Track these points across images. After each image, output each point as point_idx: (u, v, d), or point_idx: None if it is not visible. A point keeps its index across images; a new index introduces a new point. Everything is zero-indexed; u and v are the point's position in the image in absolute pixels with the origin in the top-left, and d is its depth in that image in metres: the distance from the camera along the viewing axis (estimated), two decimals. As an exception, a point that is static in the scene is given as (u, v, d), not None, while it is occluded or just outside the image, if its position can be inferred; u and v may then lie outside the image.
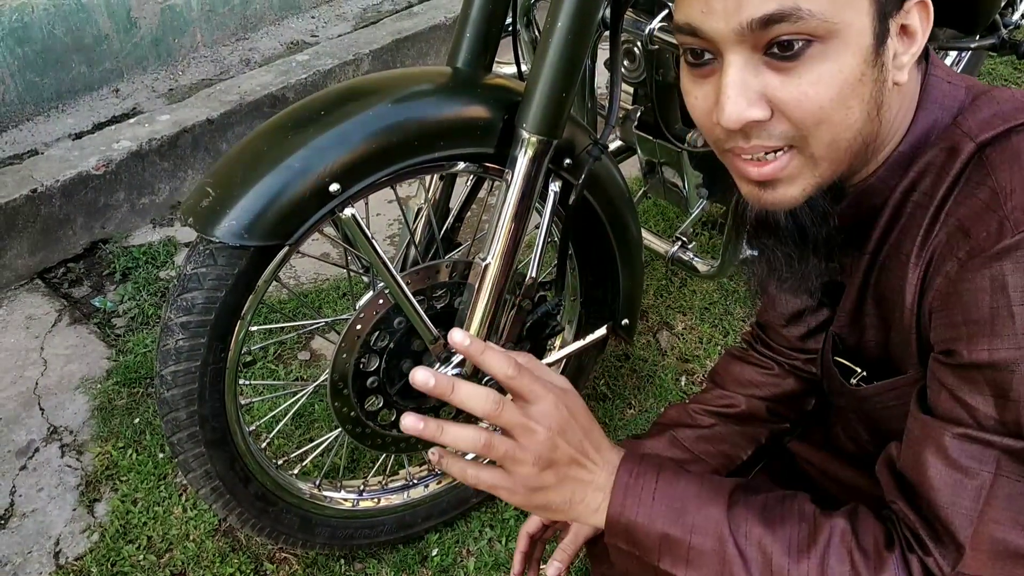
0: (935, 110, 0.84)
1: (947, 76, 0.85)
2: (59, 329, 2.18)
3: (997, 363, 0.74)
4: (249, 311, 1.32)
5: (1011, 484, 0.76)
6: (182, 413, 1.32)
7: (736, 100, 0.75)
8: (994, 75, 3.11)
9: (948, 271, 0.79)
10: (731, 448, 1.20)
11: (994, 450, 0.76)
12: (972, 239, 0.76)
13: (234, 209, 1.22)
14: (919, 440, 0.81)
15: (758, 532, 0.85)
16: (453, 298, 1.44)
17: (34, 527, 1.72)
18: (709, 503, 0.87)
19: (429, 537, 1.68)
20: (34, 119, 2.81)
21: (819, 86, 0.74)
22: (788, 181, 0.80)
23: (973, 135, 0.81)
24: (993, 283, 0.74)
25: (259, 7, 3.28)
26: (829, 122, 0.76)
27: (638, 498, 0.87)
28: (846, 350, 1.01)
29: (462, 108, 1.33)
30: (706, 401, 1.24)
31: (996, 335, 0.74)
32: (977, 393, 0.76)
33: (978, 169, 0.79)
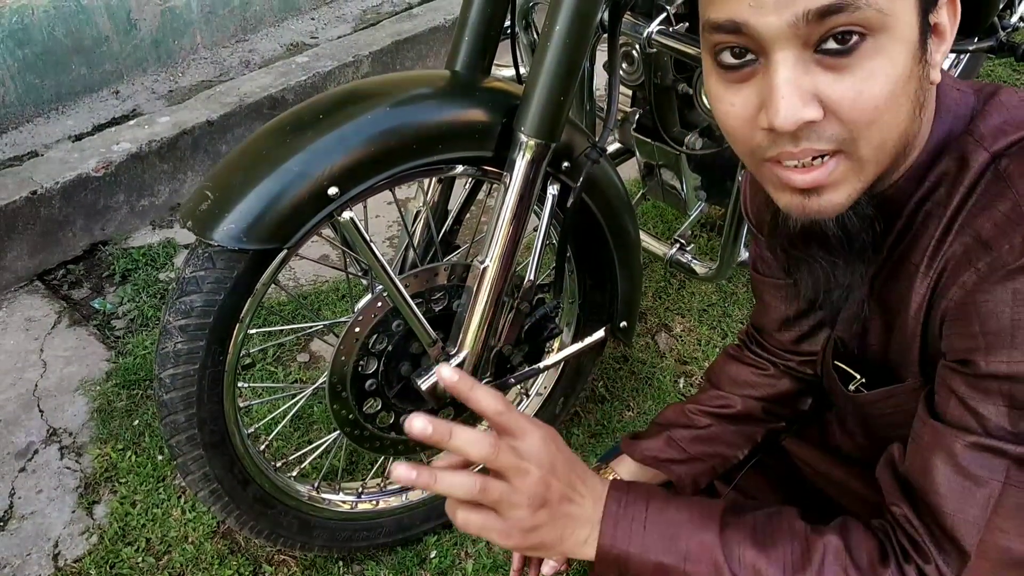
0: (949, 119, 0.83)
1: (954, 84, 0.84)
2: (59, 331, 2.18)
3: (1015, 375, 0.74)
4: (248, 314, 1.32)
5: (1020, 494, 0.76)
6: (181, 416, 1.32)
7: (791, 100, 0.70)
8: (993, 77, 3.11)
9: (965, 282, 0.78)
10: (727, 448, 1.21)
11: (1005, 459, 0.76)
12: (994, 251, 0.76)
13: (232, 212, 1.22)
14: (928, 446, 0.81)
15: (751, 555, 0.84)
16: (451, 301, 1.45)
17: (33, 529, 1.72)
18: (701, 529, 0.86)
19: (428, 539, 1.68)
20: (34, 121, 2.82)
21: (873, 83, 0.71)
22: (834, 187, 0.76)
23: (986, 144, 0.80)
24: (1016, 296, 0.74)
25: (259, 9, 3.28)
26: (880, 121, 0.73)
27: (629, 528, 0.86)
28: (847, 355, 1.01)
29: (460, 112, 1.34)
30: (702, 401, 1.24)
31: (1016, 347, 0.74)
32: (990, 403, 0.76)
33: (996, 181, 0.78)
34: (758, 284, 1.18)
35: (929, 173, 0.84)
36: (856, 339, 0.99)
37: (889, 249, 0.89)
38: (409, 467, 0.76)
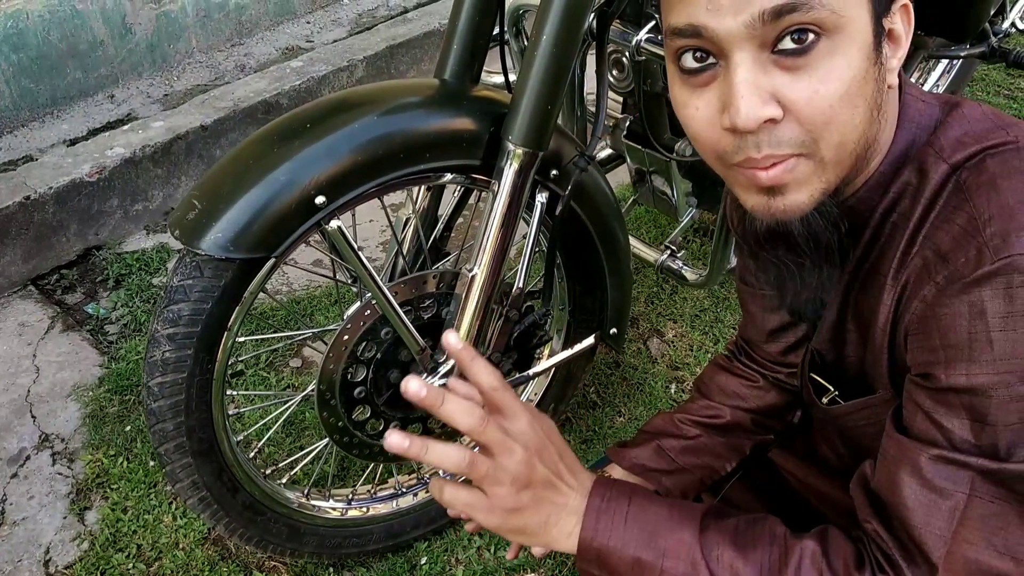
0: (912, 129, 0.84)
1: (920, 95, 0.85)
2: (52, 336, 2.18)
3: (975, 388, 0.75)
4: (236, 322, 1.32)
5: (984, 505, 0.76)
6: (169, 424, 1.32)
7: (750, 99, 0.72)
8: (987, 80, 3.12)
9: (925, 295, 0.79)
10: (715, 460, 1.21)
11: (969, 471, 0.76)
12: (951, 264, 0.76)
13: (220, 222, 1.22)
14: (894, 460, 0.82)
15: (729, 555, 0.85)
16: (440, 308, 1.45)
17: (25, 535, 1.72)
18: (681, 527, 0.87)
19: (418, 546, 1.69)
20: (29, 125, 2.82)
21: (829, 82, 0.72)
22: (796, 186, 0.78)
23: (946, 156, 0.81)
24: (972, 309, 0.74)
25: (254, 13, 3.28)
26: (838, 121, 0.74)
27: (611, 522, 0.87)
28: (825, 366, 1.01)
29: (448, 120, 1.34)
30: (691, 411, 1.24)
31: (974, 360, 0.75)
32: (954, 416, 0.77)
33: (955, 194, 0.79)
34: (744, 295, 1.18)
35: (892, 183, 0.84)
36: (834, 351, 0.99)
37: (859, 260, 0.90)
38: (402, 436, 0.78)
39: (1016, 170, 0.77)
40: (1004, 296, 0.72)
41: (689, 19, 0.73)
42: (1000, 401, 0.74)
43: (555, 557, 1.65)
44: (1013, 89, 3.04)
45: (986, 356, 0.74)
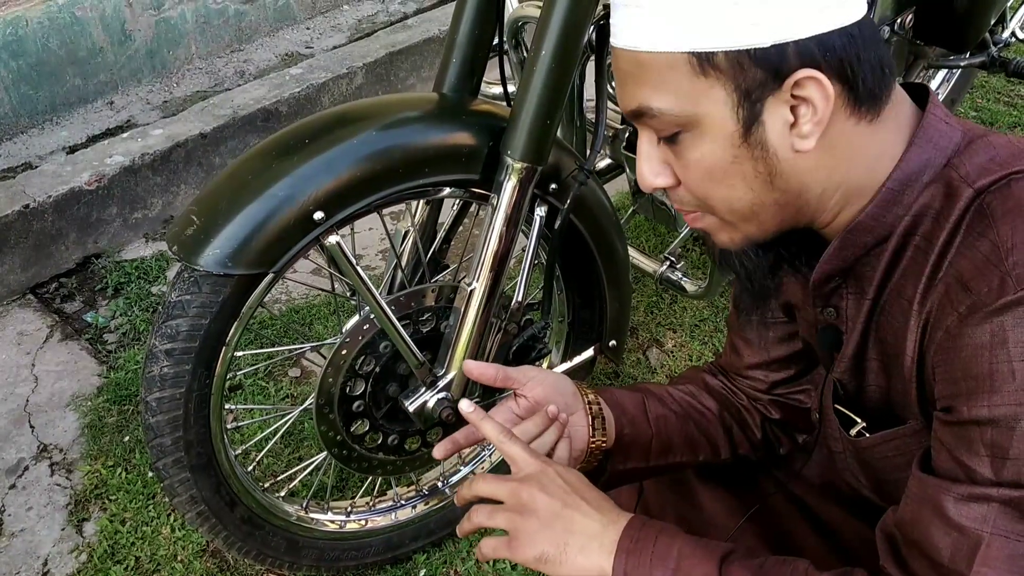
0: (928, 148, 0.83)
1: (945, 117, 0.84)
2: (51, 345, 2.18)
3: (996, 419, 0.74)
4: (234, 337, 1.32)
5: (1010, 544, 0.74)
6: (167, 439, 1.32)
7: (644, 168, 0.85)
8: (987, 87, 3.12)
9: (949, 325, 0.78)
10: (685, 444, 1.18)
11: (991, 504, 0.75)
12: (973, 293, 0.76)
13: (218, 238, 1.22)
14: (918, 499, 0.81)
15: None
16: (439, 322, 1.45)
17: (23, 547, 1.72)
18: (703, 562, 0.87)
19: (417, 558, 1.68)
20: (28, 132, 2.82)
21: (694, 167, 0.83)
22: (715, 234, 0.89)
23: (971, 181, 0.80)
24: (993, 338, 0.74)
25: (254, 19, 3.28)
26: (715, 195, 0.84)
27: (637, 562, 0.87)
28: (847, 397, 1.01)
29: (447, 135, 1.34)
30: (681, 390, 1.22)
31: (995, 391, 0.74)
32: (975, 453, 0.76)
33: (980, 219, 0.78)
34: (738, 323, 1.18)
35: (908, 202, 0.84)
36: (855, 380, 0.98)
37: (880, 284, 0.88)
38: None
39: None
40: None
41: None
42: (1022, 433, 0.73)
43: (554, 570, 1.65)
44: (1013, 96, 3.04)
45: (1008, 387, 0.73)
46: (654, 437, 1.14)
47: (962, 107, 2.96)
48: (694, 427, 1.18)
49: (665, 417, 1.16)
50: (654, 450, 1.15)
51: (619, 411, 1.12)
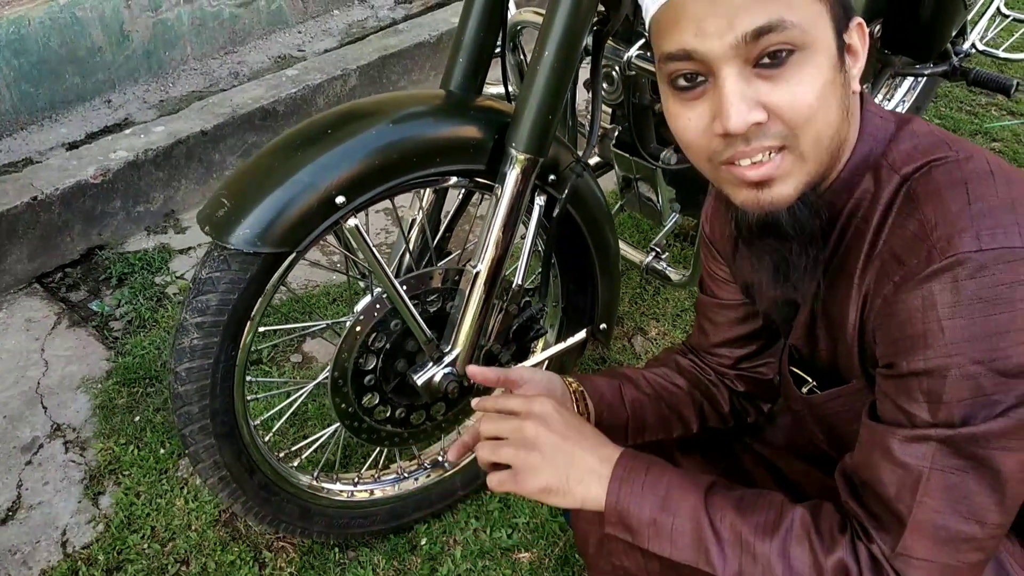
0: (869, 141, 0.97)
1: (877, 111, 0.98)
2: (59, 331, 2.27)
3: (931, 370, 0.86)
4: (258, 313, 1.42)
5: (946, 476, 0.87)
6: (195, 407, 1.42)
7: (739, 106, 0.84)
8: (951, 96, 3.28)
9: (886, 293, 0.91)
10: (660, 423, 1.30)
11: (929, 443, 0.87)
12: (905, 266, 0.88)
13: (248, 218, 1.32)
14: (868, 444, 0.94)
15: (731, 515, 0.97)
16: (445, 303, 1.56)
17: (41, 519, 1.80)
18: (690, 492, 0.99)
19: (419, 527, 1.79)
20: (28, 128, 2.89)
21: (805, 86, 0.85)
22: (782, 179, 0.90)
23: (897, 168, 0.94)
24: (924, 302, 0.86)
25: (248, 22, 3.38)
26: (815, 119, 0.86)
27: (630, 489, 1.00)
28: (801, 361, 1.13)
29: (456, 128, 1.45)
30: (654, 372, 1.33)
31: (929, 346, 0.86)
32: (914, 400, 0.88)
33: (907, 203, 0.92)
34: (705, 305, 1.30)
35: (854, 188, 0.97)
36: (808, 346, 1.11)
37: (827, 261, 1.01)
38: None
39: (958, 180, 0.89)
40: (951, 288, 0.84)
41: (680, 45, 0.86)
42: (953, 380, 0.85)
43: (547, 538, 1.76)
44: (974, 105, 3.21)
45: (939, 342, 0.85)
46: (630, 419, 1.27)
47: (927, 115, 3.12)
48: (666, 407, 1.30)
49: (640, 400, 1.28)
50: (631, 430, 1.28)
51: (598, 397, 1.25)
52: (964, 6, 2.07)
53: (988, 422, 0.84)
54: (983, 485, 0.86)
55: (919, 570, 0.88)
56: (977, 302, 0.84)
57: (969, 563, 0.88)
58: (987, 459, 0.85)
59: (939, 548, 0.88)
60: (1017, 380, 0.84)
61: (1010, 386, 0.84)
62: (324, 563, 1.72)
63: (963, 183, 0.89)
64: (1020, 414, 0.84)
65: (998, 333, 0.83)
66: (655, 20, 0.91)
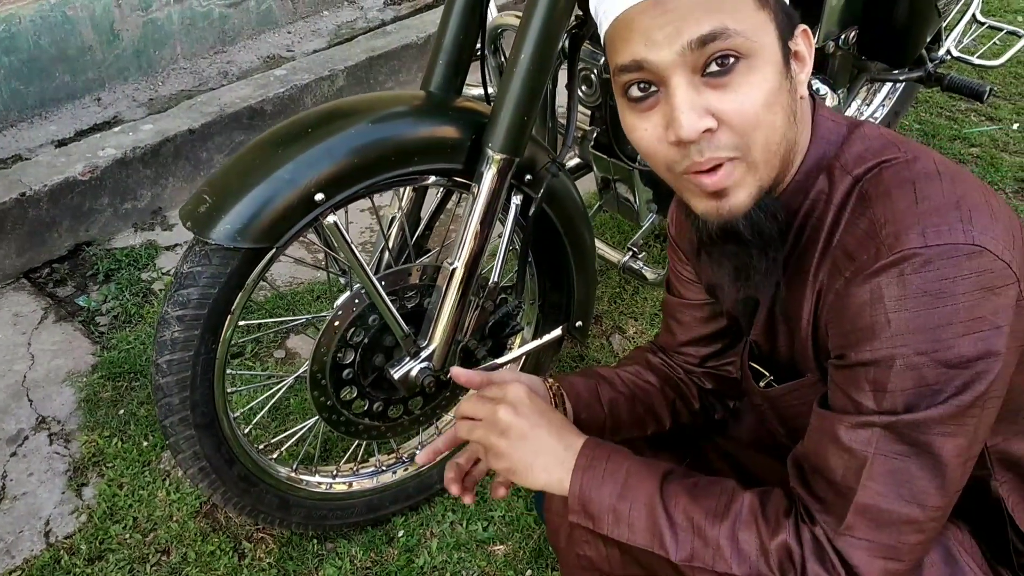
0: (822, 144, 1.01)
1: (829, 115, 1.02)
2: (45, 326, 2.29)
3: (877, 360, 0.90)
4: (238, 307, 1.45)
5: (889, 461, 0.91)
6: (175, 398, 1.45)
7: (689, 114, 0.87)
8: (931, 102, 3.32)
9: (837, 288, 0.95)
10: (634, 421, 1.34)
11: (874, 430, 0.91)
12: (856, 261, 0.93)
13: (228, 214, 1.36)
14: (817, 431, 0.98)
15: (685, 501, 1.01)
16: (423, 299, 1.59)
17: (25, 508, 1.83)
18: (647, 479, 1.03)
19: (396, 520, 1.82)
20: (17, 125, 2.92)
21: (752, 94, 0.88)
22: (737, 188, 0.93)
23: (849, 169, 0.98)
24: (872, 295, 0.90)
25: (237, 22, 3.41)
26: (763, 125, 0.90)
27: (591, 478, 1.04)
28: (761, 356, 1.17)
29: (435, 128, 1.49)
30: (628, 371, 1.37)
31: (875, 338, 0.90)
32: (861, 389, 0.92)
33: (859, 203, 0.96)
34: (671, 306, 1.34)
35: (809, 190, 1.01)
36: (768, 343, 1.15)
37: (785, 260, 1.05)
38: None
39: (906, 180, 0.94)
40: (898, 282, 0.88)
41: (632, 56, 0.90)
42: (898, 370, 0.89)
43: (522, 531, 1.80)
44: (953, 111, 3.25)
45: (885, 333, 0.90)
46: (607, 418, 1.31)
47: (907, 120, 3.16)
48: (641, 405, 1.34)
49: (616, 399, 1.32)
50: (608, 429, 1.31)
51: (575, 397, 1.29)
52: (938, 14, 2.11)
53: (929, 410, 0.89)
54: (925, 469, 0.90)
55: (860, 550, 0.92)
56: (922, 295, 0.88)
57: (910, 544, 0.92)
58: (928, 444, 0.89)
59: (881, 529, 0.92)
60: (958, 370, 0.88)
61: (951, 376, 0.88)
62: (303, 554, 1.75)
63: (911, 182, 0.93)
64: (959, 401, 0.88)
65: (941, 325, 0.87)
66: (608, 36, 0.95)
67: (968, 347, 0.88)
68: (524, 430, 1.06)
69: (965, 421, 0.90)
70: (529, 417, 1.07)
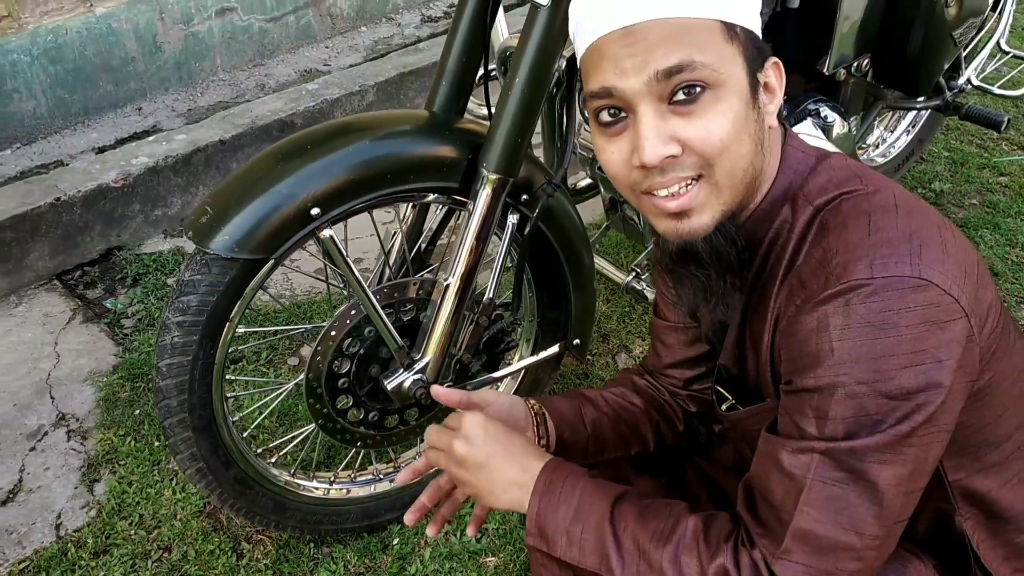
0: (790, 174, 1.03)
1: (800, 146, 1.04)
2: (73, 326, 2.38)
3: (820, 387, 0.92)
4: (237, 315, 1.51)
5: (827, 488, 0.93)
6: (174, 401, 1.51)
7: (653, 141, 0.92)
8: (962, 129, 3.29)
9: (789, 315, 0.97)
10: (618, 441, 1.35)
11: (814, 456, 0.93)
12: (807, 289, 0.95)
13: (227, 226, 1.42)
14: (763, 454, 1.00)
15: (633, 524, 1.03)
16: (419, 313, 1.63)
17: (39, 502, 1.91)
18: (599, 502, 1.06)
19: (391, 528, 1.86)
20: (61, 132, 3.04)
21: (717, 122, 0.92)
22: (699, 209, 0.96)
23: (811, 199, 1.00)
24: (819, 323, 0.92)
25: (276, 36, 3.50)
26: (727, 152, 0.93)
27: (548, 502, 1.07)
28: (731, 379, 1.19)
29: (432, 147, 1.53)
30: (613, 392, 1.39)
31: (819, 365, 0.92)
32: (804, 415, 0.94)
33: (819, 232, 0.98)
34: (658, 328, 1.37)
35: (774, 218, 1.03)
36: (737, 367, 1.17)
37: (752, 285, 1.07)
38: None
39: (863, 212, 0.96)
40: (843, 312, 0.90)
41: (602, 83, 0.95)
42: (839, 398, 0.91)
43: (514, 544, 1.82)
44: (984, 139, 3.22)
45: (829, 361, 0.91)
46: (590, 438, 1.33)
47: (936, 147, 3.14)
48: (625, 425, 1.36)
49: (599, 420, 1.34)
50: (591, 449, 1.34)
51: (558, 418, 1.31)
52: (954, 43, 2.11)
53: (867, 438, 0.90)
54: (862, 497, 0.92)
55: (797, 575, 0.93)
56: (865, 325, 0.89)
57: (848, 571, 0.93)
58: (864, 472, 0.91)
59: (818, 555, 0.93)
60: (898, 401, 0.90)
61: (892, 406, 0.90)
62: (299, 557, 1.80)
63: (867, 214, 0.96)
64: (897, 431, 0.90)
65: (883, 356, 0.89)
66: (582, 62, 1.00)
67: (909, 379, 0.89)
68: (480, 460, 1.10)
69: (903, 451, 0.91)
70: (484, 447, 1.10)
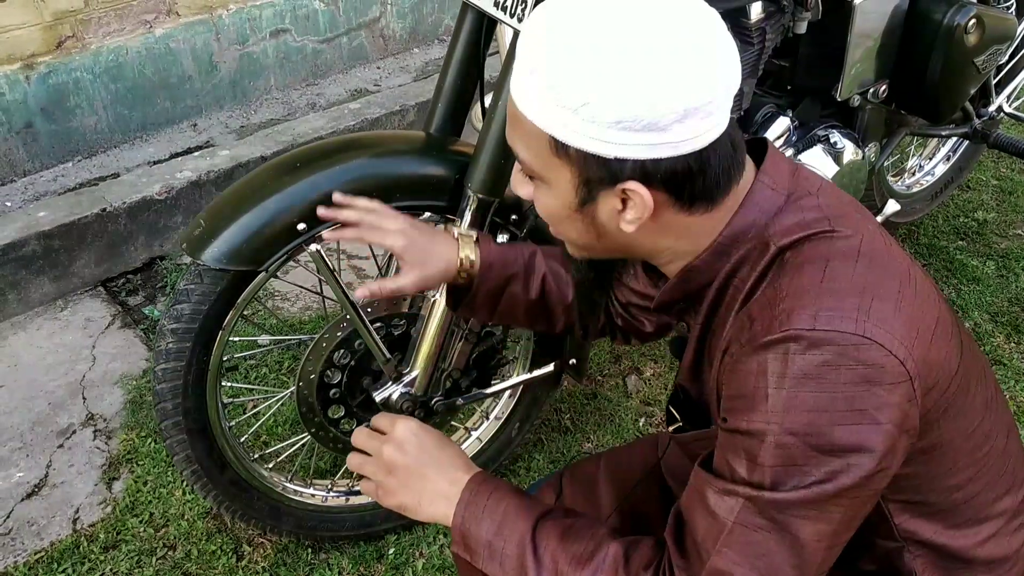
0: (754, 211, 1.00)
1: (772, 184, 1.01)
2: (111, 331, 2.50)
3: (752, 432, 0.92)
4: (230, 323, 1.58)
5: (748, 533, 0.93)
6: (169, 404, 1.59)
7: (515, 180, 1.06)
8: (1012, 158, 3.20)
9: (734, 351, 0.97)
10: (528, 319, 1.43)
11: (738, 500, 0.93)
12: (753, 329, 0.95)
13: (218, 239, 1.49)
14: (692, 488, 1.00)
15: (554, 544, 1.04)
16: (410, 327, 1.68)
17: (61, 496, 2.01)
18: (523, 519, 1.07)
19: (388, 537, 1.90)
20: (120, 147, 3.18)
21: (541, 202, 1.03)
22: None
23: (776, 239, 0.98)
24: (758, 367, 0.92)
25: (329, 57, 3.61)
26: (556, 229, 1.06)
27: (472, 512, 1.09)
28: (688, 401, 1.20)
29: (419, 167, 1.58)
30: (553, 272, 1.41)
31: (754, 410, 0.92)
32: (737, 456, 0.94)
33: (778, 270, 0.97)
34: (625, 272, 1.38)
35: (734, 252, 1.02)
36: (695, 388, 1.17)
37: (708, 314, 1.08)
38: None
39: (822, 255, 0.95)
40: (781, 360, 0.90)
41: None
42: (768, 446, 0.91)
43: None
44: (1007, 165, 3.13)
45: (762, 407, 0.91)
46: (502, 307, 1.40)
47: (984, 174, 3.06)
48: (539, 307, 1.40)
49: (516, 296, 1.39)
50: (499, 311, 1.41)
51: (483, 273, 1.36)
52: (977, 70, 2.07)
53: (792, 491, 0.90)
54: (782, 547, 0.92)
55: None
56: (802, 377, 0.90)
57: None
58: (786, 525, 0.91)
59: None
60: (828, 457, 0.89)
61: (820, 461, 0.90)
62: (296, 561, 1.86)
63: (825, 260, 0.95)
64: (823, 489, 0.90)
65: (817, 410, 0.89)
66: None
67: (841, 436, 0.89)
68: (409, 468, 1.11)
69: (828, 510, 0.91)
70: (416, 455, 1.12)
